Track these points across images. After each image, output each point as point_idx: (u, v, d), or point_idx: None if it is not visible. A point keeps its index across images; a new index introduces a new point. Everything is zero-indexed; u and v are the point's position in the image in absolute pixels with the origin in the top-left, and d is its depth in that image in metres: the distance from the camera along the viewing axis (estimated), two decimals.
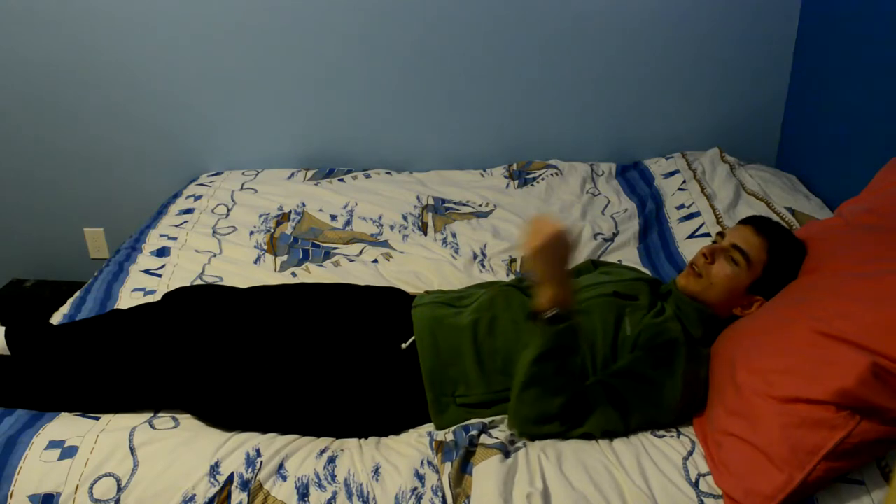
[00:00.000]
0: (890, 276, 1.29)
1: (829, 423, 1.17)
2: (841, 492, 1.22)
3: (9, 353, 1.53)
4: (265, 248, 2.11)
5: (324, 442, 1.38)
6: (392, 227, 2.24)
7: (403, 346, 1.49)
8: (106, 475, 1.28)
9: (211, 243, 2.12)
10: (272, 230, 2.20)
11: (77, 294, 1.87)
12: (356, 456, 1.33)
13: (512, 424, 1.37)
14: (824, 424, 1.18)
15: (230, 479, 1.27)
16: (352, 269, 2.00)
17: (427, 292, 1.75)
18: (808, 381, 1.22)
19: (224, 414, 1.40)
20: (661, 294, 1.58)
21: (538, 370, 1.31)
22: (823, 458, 1.17)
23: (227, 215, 2.31)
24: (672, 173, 2.44)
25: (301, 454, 1.33)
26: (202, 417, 1.40)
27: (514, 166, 2.62)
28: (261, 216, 2.29)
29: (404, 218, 2.29)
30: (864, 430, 1.17)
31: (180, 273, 1.96)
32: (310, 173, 2.60)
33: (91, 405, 1.42)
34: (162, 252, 2.07)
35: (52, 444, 1.32)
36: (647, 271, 1.90)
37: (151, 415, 1.43)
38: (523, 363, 1.33)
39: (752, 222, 1.55)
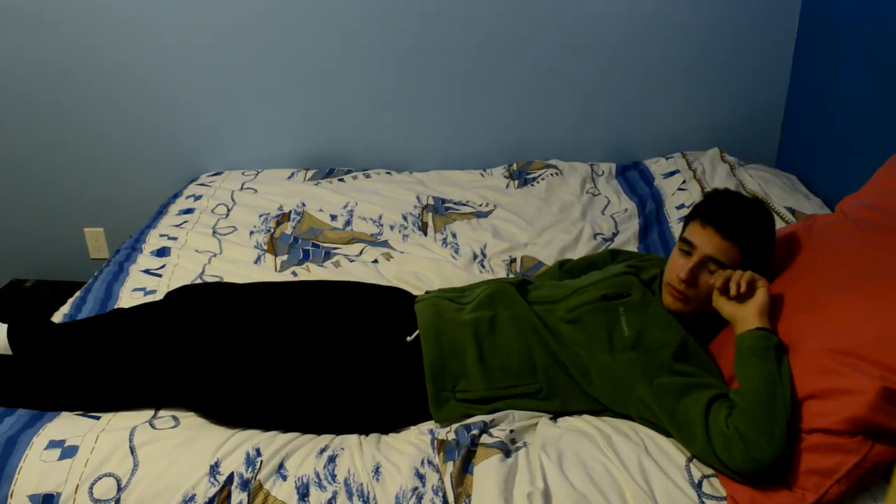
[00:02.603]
0: (893, 282, 1.28)
1: (842, 448, 1.17)
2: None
3: (10, 353, 1.53)
4: (265, 248, 2.11)
5: (324, 441, 1.38)
6: (392, 227, 2.24)
7: (409, 339, 1.49)
8: (106, 475, 1.28)
9: (211, 243, 2.12)
10: (272, 230, 2.20)
11: (77, 294, 1.87)
12: (356, 455, 1.33)
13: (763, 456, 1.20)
14: (838, 449, 1.18)
15: (230, 478, 1.27)
16: (352, 269, 2.00)
17: (427, 292, 1.75)
18: (820, 413, 1.21)
19: (228, 410, 1.40)
20: (654, 285, 1.56)
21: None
22: (836, 481, 1.17)
23: (227, 215, 2.31)
24: (672, 173, 2.44)
25: (301, 453, 1.33)
26: (205, 414, 1.40)
27: (514, 166, 2.62)
28: (261, 216, 2.29)
29: (404, 218, 2.29)
30: (878, 453, 1.17)
31: (180, 273, 1.96)
32: (310, 173, 2.60)
33: (93, 403, 1.42)
34: (162, 252, 2.07)
35: (52, 444, 1.32)
36: (660, 257, 1.86)
37: (152, 414, 1.43)
38: (784, 399, 1.24)
39: (713, 223, 1.42)
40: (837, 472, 1.17)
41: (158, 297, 1.79)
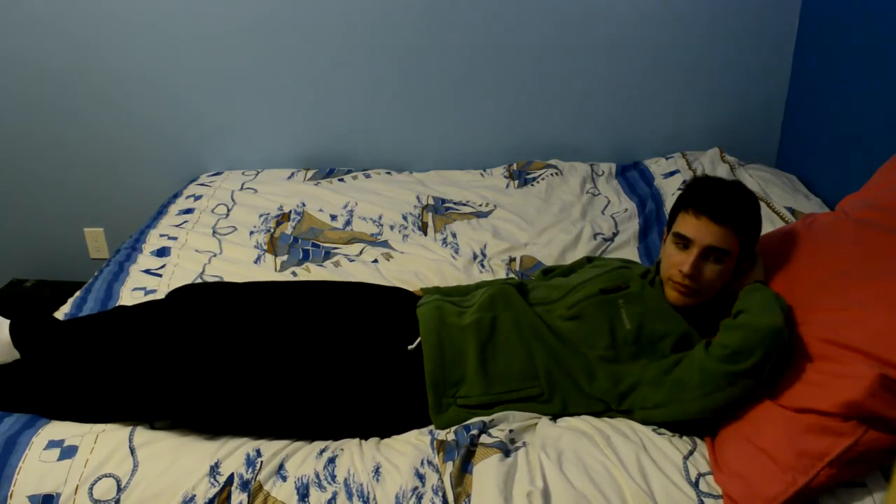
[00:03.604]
0: (892, 280, 1.28)
1: (835, 431, 1.18)
2: (843, 494, 1.21)
3: (13, 350, 1.52)
4: (265, 248, 2.11)
5: (324, 441, 1.38)
6: (392, 227, 2.24)
7: (410, 347, 1.48)
8: (106, 475, 1.28)
9: (211, 243, 2.12)
10: (272, 230, 2.20)
11: (78, 294, 1.87)
12: (356, 456, 1.33)
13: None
14: (831, 431, 1.18)
15: (230, 479, 1.27)
16: (352, 269, 2.00)
17: (423, 290, 1.75)
18: (815, 393, 1.22)
19: (226, 417, 1.38)
20: (647, 280, 1.56)
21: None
22: (828, 464, 1.17)
23: (227, 215, 2.31)
24: (672, 173, 2.44)
25: (301, 454, 1.33)
26: (200, 424, 1.38)
27: (514, 166, 2.62)
28: (261, 216, 2.29)
29: (404, 218, 2.29)
30: (871, 438, 1.17)
31: (180, 273, 1.96)
32: (310, 173, 2.60)
33: (90, 413, 1.40)
34: (162, 252, 2.07)
35: (52, 444, 1.32)
36: (636, 262, 1.87)
37: None
38: (781, 304, 1.33)
39: (707, 212, 1.41)
40: (829, 455, 1.17)
41: (159, 297, 1.78)
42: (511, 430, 1.36)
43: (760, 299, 1.36)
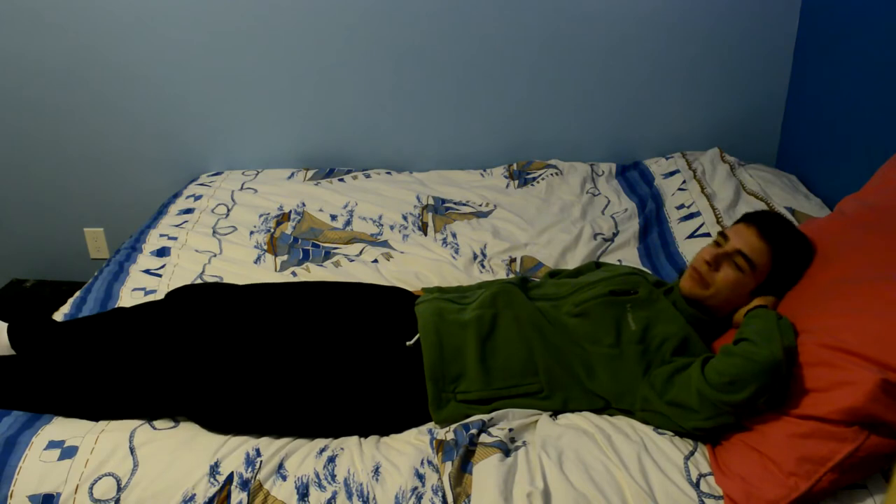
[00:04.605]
0: (893, 283, 1.28)
1: (838, 436, 1.18)
2: (844, 495, 1.21)
3: (11, 352, 1.52)
4: (265, 248, 2.11)
5: (324, 441, 1.38)
6: (392, 227, 2.24)
7: (409, 343, 1.49)
8: (106, 475, 1.28)
9: (211, 243, 2.12)
10: (272, 230, 2.20)
11: (77, 294, 1.87)
12: (356, 455, 1.33)
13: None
14: (833, 437, 1.18)
15: (230, 478, 1.27)
16: (352, 269, 2.00)
17: (424, 289, 1.75)
18: (817, 399, 1.22)
19: (225, 414, 1.39)
20: (661, 290, 1.57)
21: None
22: (830, 469, 1.17)
23: (227, 215, 2.31)
24: (672, 173, 2.44)
25: (301, 454, 1.33)
26: (202, 421, 1.39)
27: (514, 166, 2.62)
28: (261, 216, 2.29)
29: (404, 218, 2.29)
30: (873, 443, 1.17)
31: (180, 273, 1.96)
32: (310, 173, 2.60)
33: (90, 410, 1.41)
34: (162, 252, 2.07)
35: (52, 445, 1.33)
36: (648, 271, 1.90)
37: None
38: (782, 333, 1.30)
39: (756, 223, 1.49)
40: (831, 460, 1.17)
41: (159, 297, 1.79)
42: (511, 430, 1.36)
43: (763, 327, 1.33)
